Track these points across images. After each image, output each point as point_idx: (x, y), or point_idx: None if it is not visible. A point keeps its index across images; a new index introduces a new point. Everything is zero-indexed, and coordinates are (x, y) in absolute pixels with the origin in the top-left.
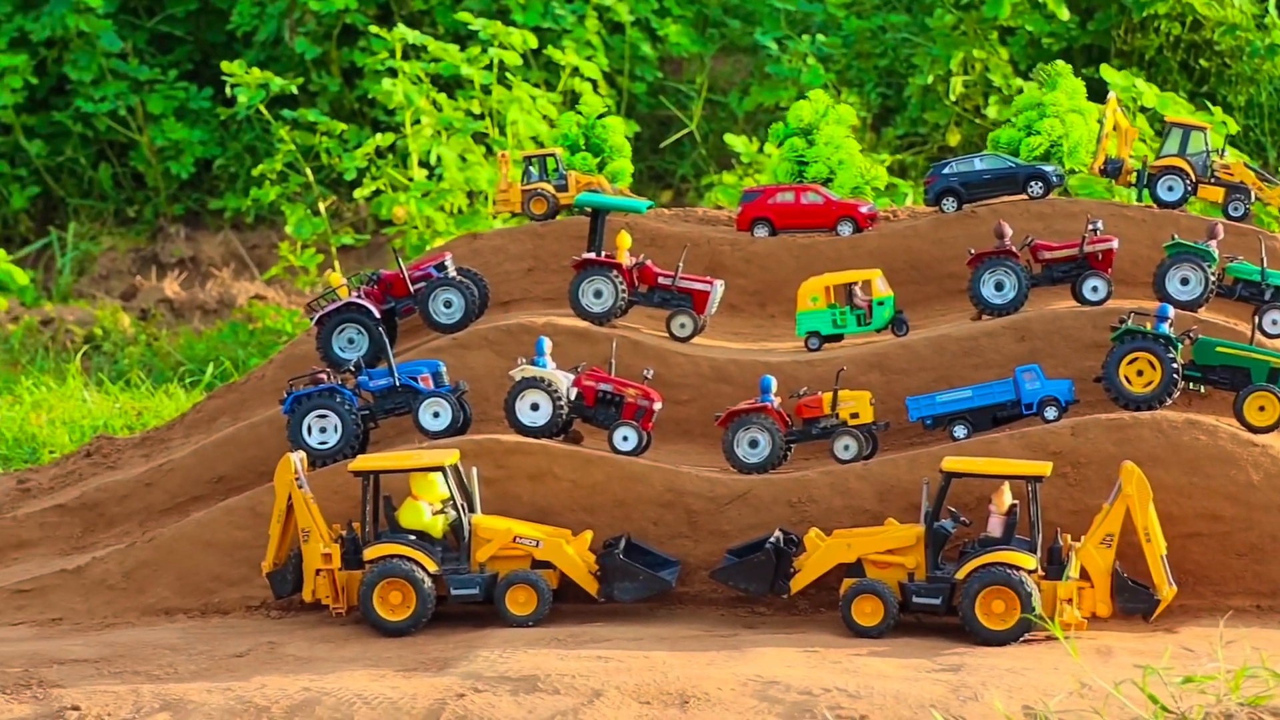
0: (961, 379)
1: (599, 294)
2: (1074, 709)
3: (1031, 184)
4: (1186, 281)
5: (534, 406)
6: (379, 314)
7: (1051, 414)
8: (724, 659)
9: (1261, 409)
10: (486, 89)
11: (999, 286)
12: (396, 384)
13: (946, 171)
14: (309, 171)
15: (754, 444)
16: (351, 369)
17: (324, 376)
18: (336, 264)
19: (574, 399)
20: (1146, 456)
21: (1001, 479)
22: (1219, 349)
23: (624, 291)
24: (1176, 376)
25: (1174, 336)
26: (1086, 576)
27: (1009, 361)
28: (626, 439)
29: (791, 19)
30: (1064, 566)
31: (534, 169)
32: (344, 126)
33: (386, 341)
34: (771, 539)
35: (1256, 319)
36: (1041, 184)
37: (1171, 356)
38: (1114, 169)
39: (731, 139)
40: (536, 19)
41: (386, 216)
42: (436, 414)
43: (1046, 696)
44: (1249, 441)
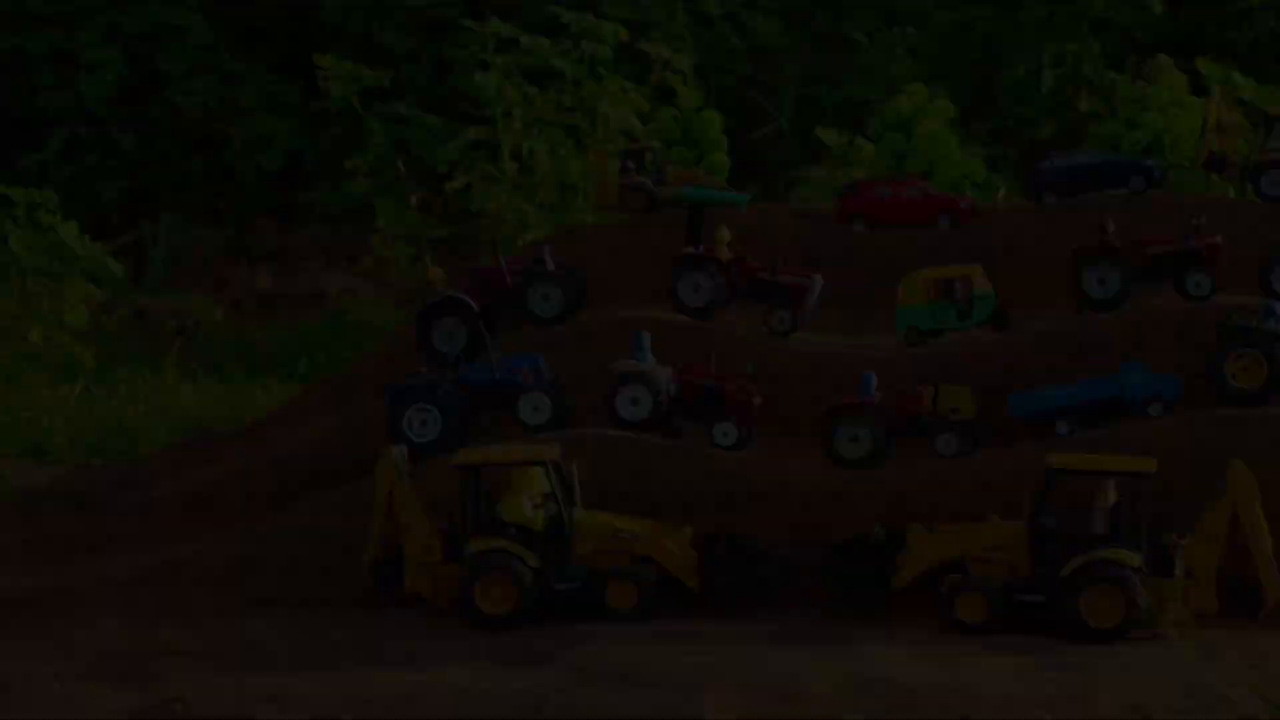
0: (1064, 375)
1: (698, 288)
2: (1185, 709)
3: (1133, 178)
4: None
5: (634, 401)
6: (478, 308)
7: (1156, 410)
8: (826, 654)
9: None
10: (578, 82)
11: (1101, 281)
12: (496, 378)
13: (1047, 166)
14: (400, 165)
15: (854, 439)
16: (451, 363)
17: (425, 371)
18: (429, 259)
19: (674, 394)
20: (1253, 454)
21: (1107, 475)
22: None
23: (723, 286)
24: None
25: None
26: (1193, 575)
27: (1112, 357)
28: (726, 434)
29: (880, 10)
30: (1171, 564)
31: (631, 163)
32: (435, 120)
33: (487, 336)
34: (874, 535)
35: None
36: (1144, 178)
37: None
38: (1217, 163)
39: (823, 132)
40: (626, 12)
41: (478, 209)
42: (536, 408)
43: (1155, 696)
44: None
